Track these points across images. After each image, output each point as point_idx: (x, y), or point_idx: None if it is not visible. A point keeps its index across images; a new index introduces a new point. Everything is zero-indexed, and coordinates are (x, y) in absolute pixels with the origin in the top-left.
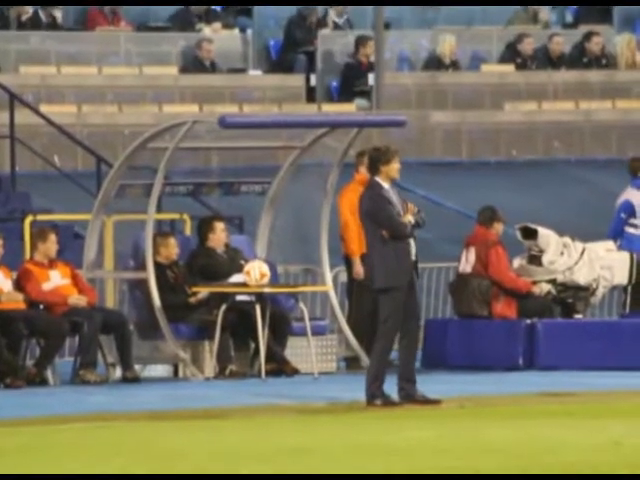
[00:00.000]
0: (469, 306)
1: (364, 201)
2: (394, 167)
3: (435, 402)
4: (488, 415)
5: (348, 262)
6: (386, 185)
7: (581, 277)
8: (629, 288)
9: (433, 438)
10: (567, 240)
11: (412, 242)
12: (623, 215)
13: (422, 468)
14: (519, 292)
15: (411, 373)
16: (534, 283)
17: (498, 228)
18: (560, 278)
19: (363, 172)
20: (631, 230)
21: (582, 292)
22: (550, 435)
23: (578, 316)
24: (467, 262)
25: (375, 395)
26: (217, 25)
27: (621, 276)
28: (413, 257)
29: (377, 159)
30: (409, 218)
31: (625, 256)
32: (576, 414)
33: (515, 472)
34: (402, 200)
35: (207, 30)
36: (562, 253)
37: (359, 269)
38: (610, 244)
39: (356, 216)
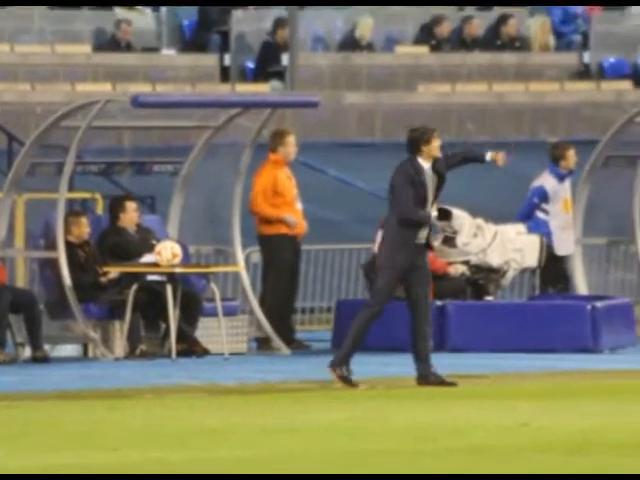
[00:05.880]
0: None
1: (393, 176)
2: (435, 146)
3: (452, 384)
4: (399, 397)
5: (262, 242)
6: (426, 165)
7: (494, 259)
8: (538, 271)
9: (345, 420)
10: (480, 222)
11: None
12: (536, 200)
13: (335, 450)
14: (436, 273)
15: (423, 352)
16: (449, 264)
17: None
18: (473, 260)
19: (278, 152)
20: (541, 215)
21: (493, 274)
22: (459, 416)
23: (489, 298)
24: None
25: (342, 364)
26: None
27: (531, 259)
28: (422, 241)
29: (418, 139)
30: (434, 212)
31: (535, 239)
32: (485, 396)
33: (423, 455)
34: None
35: (120, 10)
36: (475, 235)
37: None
38: (520, 227)
39: (268, 196)
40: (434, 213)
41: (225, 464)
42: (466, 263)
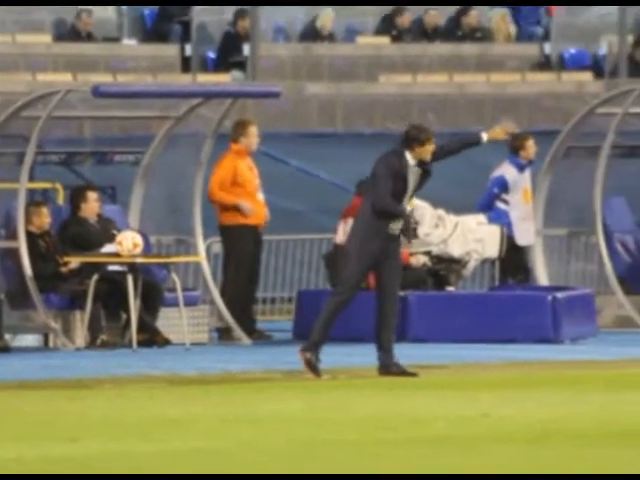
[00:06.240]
0: None
1: (377, 164)
2: (427, 149)
3: (413, 374)
4: (361, 387)
5: (223, 232)
6: (412, 162)
7: (455, 250)
8: (497, 261)
9: (306, 409)
10: (441, 212)
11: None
12: (496, 190)
13: (296, 440)
14: None
15: (387, 342)
16: (410, 255)
17: None
18: (435, 250)
19: (240, 142)
20: (502, 205)
21: (455, 264)
22: (420, 407)
23: (450, 288)
24: (345, 233)
25: (312, 350)
26: None
27: (492, 249)
28: (395, 232)
29: (414, 138)
30: (409, 207)
31: (495, 230)
32: (446, 386)
33: (384, 445)
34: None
35: None
36: (437, 225)
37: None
38: (481, 217)
39: (226, 185)
40: (409, 207)
41: (185, 455)
42: (427, 254)
